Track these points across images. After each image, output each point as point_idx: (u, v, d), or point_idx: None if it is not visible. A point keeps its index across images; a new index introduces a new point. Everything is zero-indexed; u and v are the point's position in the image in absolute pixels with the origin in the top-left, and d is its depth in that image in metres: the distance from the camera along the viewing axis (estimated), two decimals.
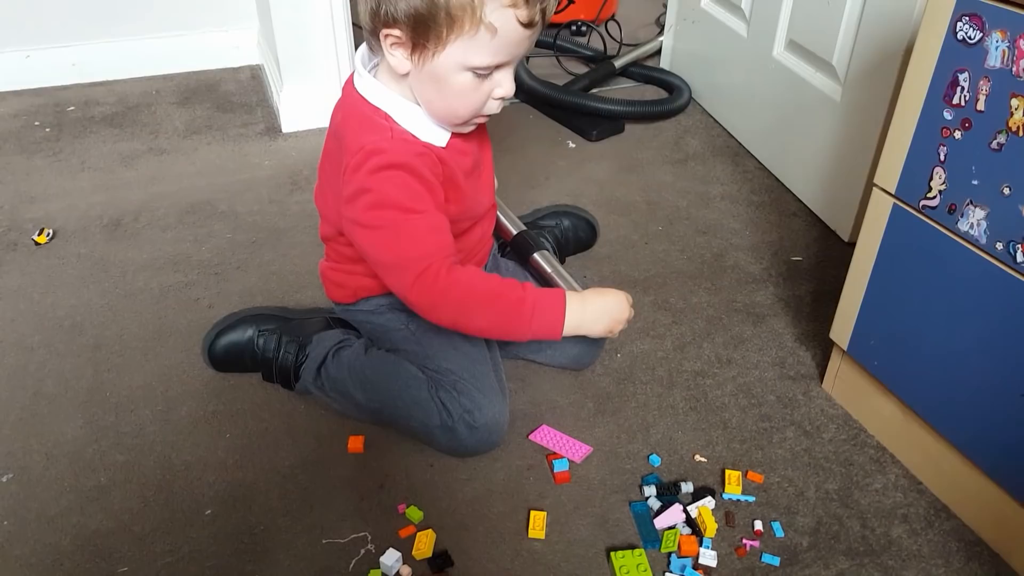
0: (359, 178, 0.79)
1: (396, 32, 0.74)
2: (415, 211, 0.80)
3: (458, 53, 0.74)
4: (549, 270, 1.04)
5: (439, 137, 0.83)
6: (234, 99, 1.76)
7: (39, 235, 1.26)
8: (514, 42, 0.75)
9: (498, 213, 1.08)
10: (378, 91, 0.81)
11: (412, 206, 0.79)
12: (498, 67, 0.77)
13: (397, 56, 0.77)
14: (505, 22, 0.72)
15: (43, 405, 0.96)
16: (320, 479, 0.87)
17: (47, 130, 1.61)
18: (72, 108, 1.71)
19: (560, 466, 0.88)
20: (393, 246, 0.81)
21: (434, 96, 0.79)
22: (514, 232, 1.09)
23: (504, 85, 0.78)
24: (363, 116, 0.81)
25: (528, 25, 0.73)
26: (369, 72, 0.83)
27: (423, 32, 0.73)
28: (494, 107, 0.81)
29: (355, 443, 0.91)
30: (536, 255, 1.06)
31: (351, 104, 0.83)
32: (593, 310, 0.86)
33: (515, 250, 1.07)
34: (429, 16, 0.72)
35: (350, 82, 0.84)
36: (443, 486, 0.87)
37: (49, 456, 0.90)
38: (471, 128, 0.84)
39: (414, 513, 0.83)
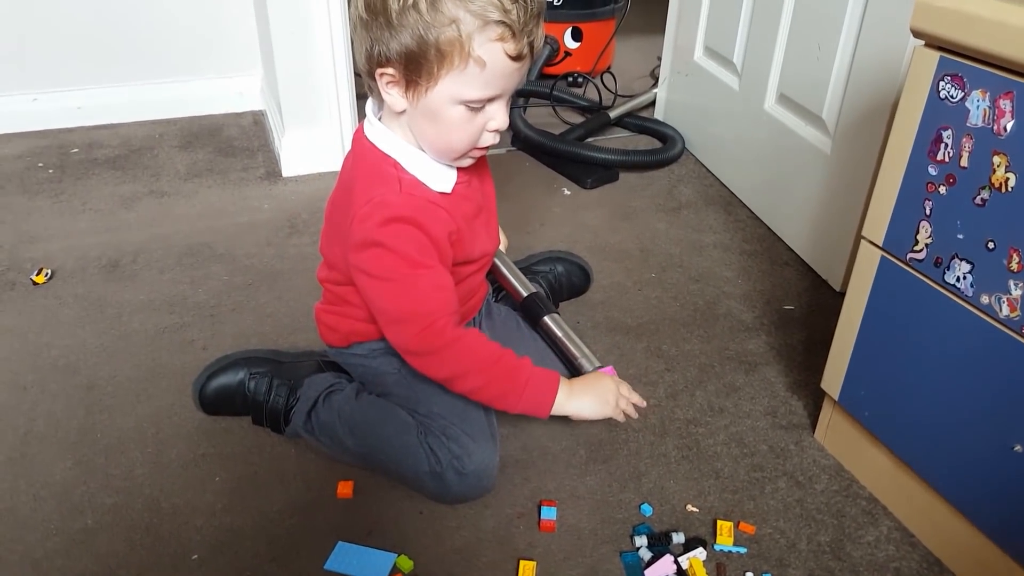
0: (368, 229, 0.80)
1: (390, 71, 0.77)
2: (423, 266, 0.81)
3: (450, 87, 0.76)
4: (560, 334, 1.02)
5: (445, 182, 0.84)
6: (236, 144, 1.79)
7: (37, 275, 1.27)
8: (503, 75, 0.76)
9: (506, 272, 1.08)
10: (387, 137, 0.83)
11: (420, 260, 0.81)
12: (491, 100, 0.78)
13: (393, 95, 0.79)
14: (494, 56, 0.74)
15: (33, 445, 0.96)
16: (308, 525, 0.87)
17: (50, 171, 1.64)
18: (76, 150, 1.73)
19: (547, 514, 0.87)
20: (401, 299, 0.82)
21: (430, 131, 0.80)
22: (524, 294, 1.07)
23: (497, 118, 0.80)
24: (372, 165, 0.83)
25: (516, 58, 0.75)
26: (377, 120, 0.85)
27: (415, 69, 0.75)
28: (489, 139, 0.82)
29: (344, 488, 0.90)
30: (547, 318, 1.04)
31: (361, 153, 0.85)
32: (578, 403, 0.88)
33: (524, 312, 1.05)
34: (420, 53, 0.74)
35: (360, 132, 0.86)
36: (432, 534, 0.86)
37: (37, 497, 0.89)
38: (470, 161, 0.85)
39: (404, 562, 0.82)
